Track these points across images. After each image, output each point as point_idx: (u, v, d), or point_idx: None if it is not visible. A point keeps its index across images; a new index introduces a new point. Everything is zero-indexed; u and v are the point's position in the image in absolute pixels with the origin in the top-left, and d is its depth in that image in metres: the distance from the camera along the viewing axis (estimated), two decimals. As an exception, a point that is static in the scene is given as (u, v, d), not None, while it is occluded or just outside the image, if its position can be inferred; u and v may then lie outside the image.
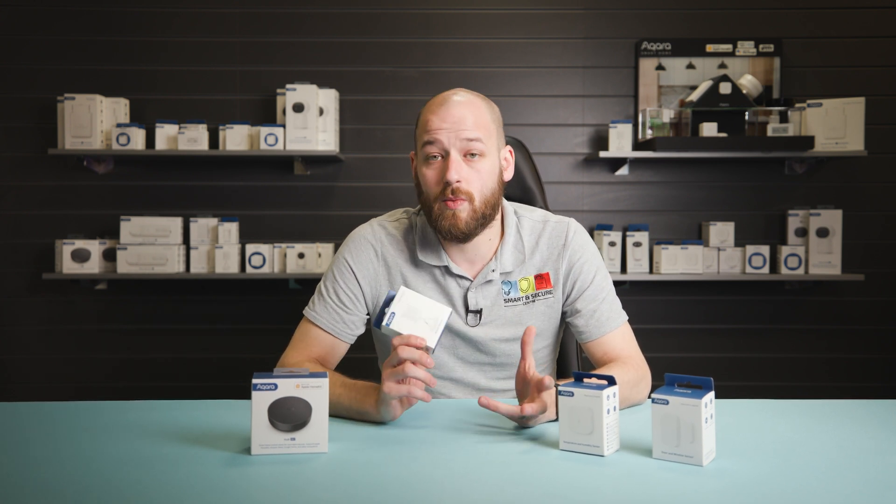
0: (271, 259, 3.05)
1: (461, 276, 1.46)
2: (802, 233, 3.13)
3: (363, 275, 1.47)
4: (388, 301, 1.20)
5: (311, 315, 1.47)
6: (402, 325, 1.19)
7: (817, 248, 3.06)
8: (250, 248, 3.05)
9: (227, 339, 3.23)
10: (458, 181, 1.35)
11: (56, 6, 3.16)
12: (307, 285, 3.21)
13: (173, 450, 1.09)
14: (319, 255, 3.07)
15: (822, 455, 1.08)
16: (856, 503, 0.90)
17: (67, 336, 3.21)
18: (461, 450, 1.11)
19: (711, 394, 1.05)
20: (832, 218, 3.06)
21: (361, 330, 1.50)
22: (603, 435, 1.06)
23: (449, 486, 0.96)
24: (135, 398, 3.07)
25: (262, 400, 1.05)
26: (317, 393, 1.06)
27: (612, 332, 1.46)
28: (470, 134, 1.36)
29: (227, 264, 3.03)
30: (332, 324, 1.46)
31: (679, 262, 3.05)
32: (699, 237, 3.23)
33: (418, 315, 1.19)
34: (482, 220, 1.39)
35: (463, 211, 1.37)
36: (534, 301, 1.47)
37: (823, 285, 3.22)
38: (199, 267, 3.05)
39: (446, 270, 1.46)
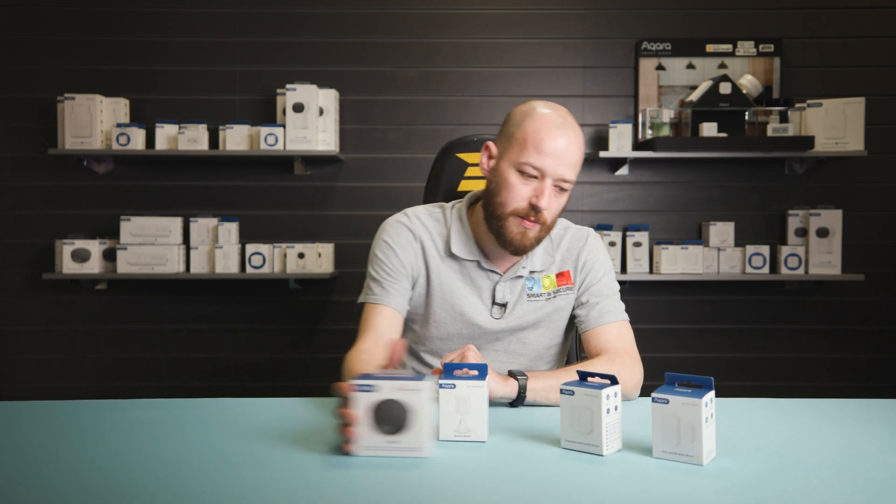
0: (271, 259, 3.05)
1: (491, 270, 1.53)
2: (802, 233, 3.13)
3: (404, 254, 1.53)
4: (479, 374, 1.16)
5: (370, 298, 1.52)
6: (446, 401, 1.14)
7: (817, 248, 3.06)
8: (250, 248, 3.05)
9: (227, 339, 3.23)
10: (545, 209, 1.42)
11: (56, 6, 3.16)
12: (307, 285, 3.21)
13: (173, 449, 1.09)
14: (319, 255, 3.07)
15: (822, 455, 1.08)
16: (856, 503, 0.90)
17: (67, 336, 3.21)
18: (460, 448, 1.11)
19: (711, 393, 1.05)
20: (832, 218, 3.06)
21: (409, 306, 1.56)
22: (602, 434, 1.06)
23: (448, 485, 0.96)
24: (134, 398, 3.07)
25: (362, 401, 1.05)
26: (416, 396, 1.05)
27: (609, 324, 1.52)
28: (568, 175, 1.42)
29: (227, 264, 3.03)
30: (387, 298, 1.51)
31: (679, 262, 3.05)
32: (699, 237, 3.23)
33: (465, 410, 1.14)
34: (541, 241, 1.48)
35: (533, 232, 1.44)
36: (555, 297, 1.55)
37: (823, 285, 3.22)
38: (199, 267, 3.05)
39: (477, 265, 1.53)
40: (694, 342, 3.25)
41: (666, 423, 1.04)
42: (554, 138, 1.40)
